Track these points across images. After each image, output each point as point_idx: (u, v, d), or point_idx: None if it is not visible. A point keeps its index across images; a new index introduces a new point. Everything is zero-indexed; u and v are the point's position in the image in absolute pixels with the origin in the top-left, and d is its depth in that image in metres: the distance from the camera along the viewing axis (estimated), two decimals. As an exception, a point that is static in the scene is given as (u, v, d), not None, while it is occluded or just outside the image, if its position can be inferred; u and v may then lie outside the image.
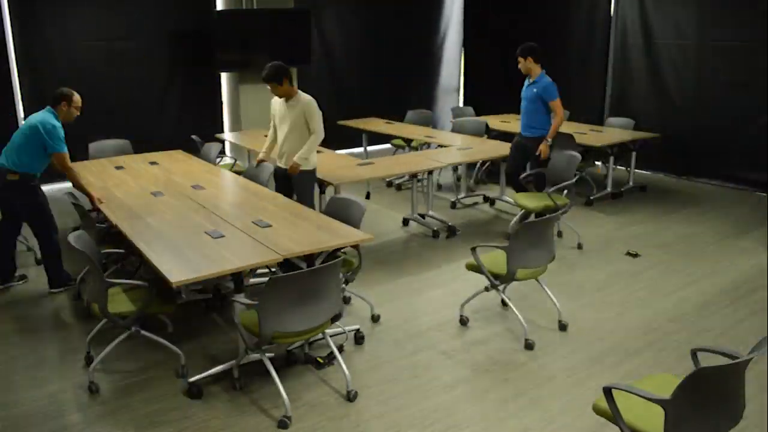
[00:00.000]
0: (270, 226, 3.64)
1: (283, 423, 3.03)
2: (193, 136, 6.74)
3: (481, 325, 4.05)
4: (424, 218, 6.07)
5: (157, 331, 3.66)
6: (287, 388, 3.20)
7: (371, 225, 5.92)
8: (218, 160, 6.26)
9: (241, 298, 3.14)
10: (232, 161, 7.05)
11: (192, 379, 3.29)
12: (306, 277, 2.98)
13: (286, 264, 3.37)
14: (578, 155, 5.42)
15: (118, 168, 5.30)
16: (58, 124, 4.35)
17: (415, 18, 9.88)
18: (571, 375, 3.47)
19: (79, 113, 4.59)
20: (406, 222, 6.07)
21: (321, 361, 3.59)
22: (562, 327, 3.99)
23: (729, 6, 7.06)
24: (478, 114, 8.46)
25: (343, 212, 3.91)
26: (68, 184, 4.48)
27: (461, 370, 3.53)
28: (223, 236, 3.47)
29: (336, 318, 3.24)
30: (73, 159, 6.40)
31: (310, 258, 3.39)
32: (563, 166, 5.40)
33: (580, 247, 5.33)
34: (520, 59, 5.55)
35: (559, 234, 5.68)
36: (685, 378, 2.11)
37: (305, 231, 3.58)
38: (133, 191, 4.51)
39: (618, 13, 8.23)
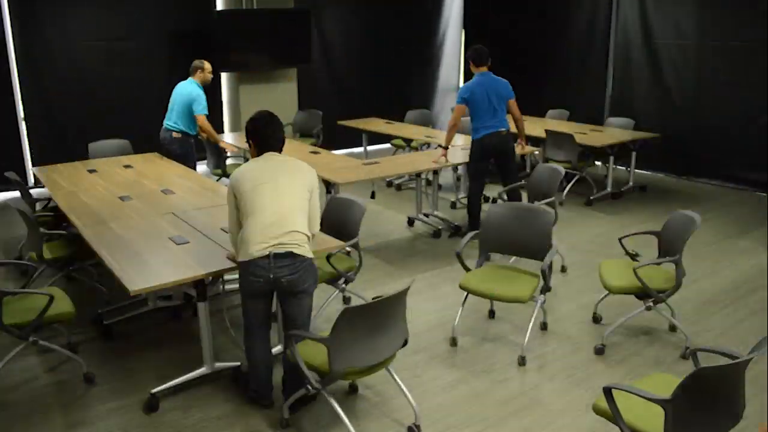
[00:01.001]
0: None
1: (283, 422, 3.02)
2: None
3: (481, 326, 4.05)
4: (428, 217, 6.08)
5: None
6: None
7: (375, 224, 5.93)
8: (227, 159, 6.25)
9: (310, 333, 2.91)
10: (243, 161, 6.90)
11: (154, 390, 3.22)
12: (378, 307, 2.71)
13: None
14: (561, 170, 4.92)
15: (91, 171, 5.22)
16: (201, 91, 5.72)
17: (415, 18, 9.89)
18: (571, 375, 3.47)
19: (212, 76, 5.96)
20: (411, 222, 6.07)
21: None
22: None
23: (729, 6, 7.06)
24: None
25: (343, 212, 3.91)
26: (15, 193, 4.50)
27: (461, 370, 3.53)
28: (188, 242, 3.42)
29: (403, 345, 2.99)
30: (74, 159, 6.43)
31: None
32: (546, 179, 4.95)
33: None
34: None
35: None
36: (685, 378, 2.11)
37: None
38: (102, 195, 4.45)
39: (618, 13, 8.23)
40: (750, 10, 6.85)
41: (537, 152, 6.90)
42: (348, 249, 3.90)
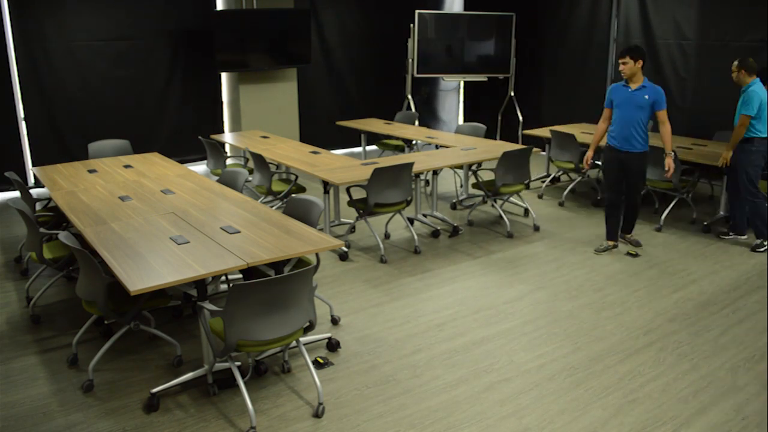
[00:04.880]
0: (239, 232, 3.59)
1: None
2: (203, 138, 6.73)
3: (481, 325, 4.05)
4: (426, 218, 6.09)
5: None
6: (280, 390, 3.20)
7: (374, 224, 5.93)
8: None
9: (207, 304, 3.05)
10: (243, 161, 6.89)
11: (154, 390, 3.22)
12: (272, 284, 2.84)
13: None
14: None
15: (91, 171, 5.21)
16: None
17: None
18: (571, 375, 3.48)
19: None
20: (411, 222, 6.08)
21: (321, 361, 3.59)
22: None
23: (729, 6, 7.06)
24: (477, 114, 8.48)
25: (301, 212, 3.91)
26: (15, 193, 4.50)
27: (461, 370, 3.53)
28: (188, 242, 3.41)
29: (308, 328, 3.14)
30: (74, 159, 6.42)
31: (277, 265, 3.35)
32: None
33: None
34: (629, 60, 4.85)
35: (536, 228, 5.70)
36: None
37: (274, 237, 3.54)
38: (102, 195, 4.44)
39: (619, 12, 8.24)
40: (750, 10, 6.85)
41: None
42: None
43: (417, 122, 8.23)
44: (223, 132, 8.63)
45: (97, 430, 3.03)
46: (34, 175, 6.96)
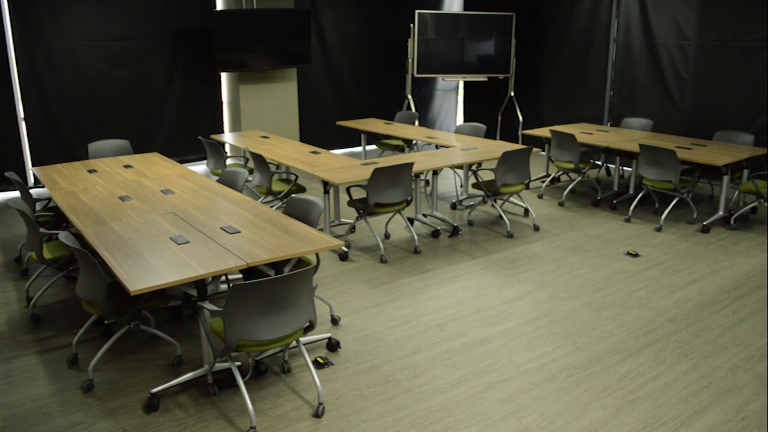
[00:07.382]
0: (239, 232, 3.59)
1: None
2: (203, 138, 6.73)
3: (481, 325, 4.05)
4: (426, 218, 6.09)
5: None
6: (280, 390, 3.19)
7: (374, 224, 5.94)
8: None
9: (207, 304, 3.05)
10: (243, 161, 6.86)
11: (154, 390, 3.23)
12: (272, 284, 2.84)
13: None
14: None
15: (91, 171, 5.20)
16: None
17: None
18: (571, 375, 3.48)
19: None
20: (411, 222, 6.08)
21: (321, 361, 3.59)
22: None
23: (729, 6, 7.06)
24: (477, 114, 8.48)
25: (301, 212, 3.91)
26: (15, 193, 4.50)
27: (461, 370, 3.53)
28: (188, 242, 3.41)
29: (309, 328, 3.14)
30: (74, 159, 6.42)
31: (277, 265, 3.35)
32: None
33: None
34: None
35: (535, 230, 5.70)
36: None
37: (274, 237, 3.55)
38: (102, 195, 4.43)
39: (619, 12, 8.24)
40: (750, 9, 6.85)
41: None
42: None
43: (417, 122, 8.23)
44: (223, 132, 8.63)
45: (97, 430, 3.03)
46: (34, 175, 6.96)
